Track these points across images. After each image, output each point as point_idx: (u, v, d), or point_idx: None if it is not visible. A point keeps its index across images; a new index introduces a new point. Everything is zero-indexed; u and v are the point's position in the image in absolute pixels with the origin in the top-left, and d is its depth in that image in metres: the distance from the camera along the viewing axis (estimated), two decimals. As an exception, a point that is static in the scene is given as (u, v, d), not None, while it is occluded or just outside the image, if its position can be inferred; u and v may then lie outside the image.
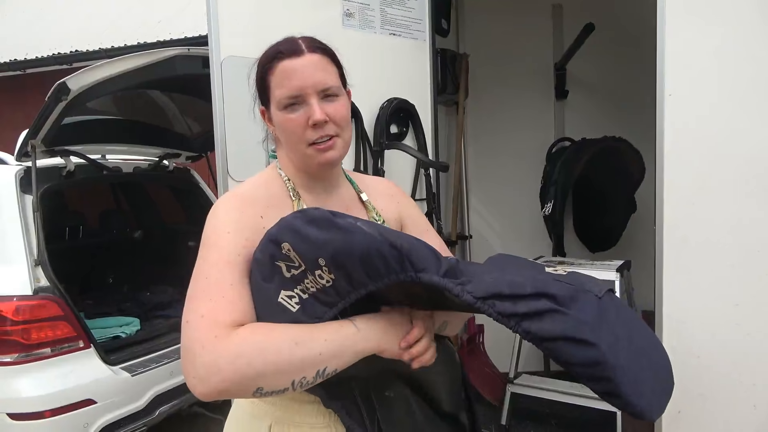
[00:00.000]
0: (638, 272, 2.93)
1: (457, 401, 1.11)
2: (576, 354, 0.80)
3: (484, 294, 0.84)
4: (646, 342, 0.91)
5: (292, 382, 0.84)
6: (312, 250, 0.85)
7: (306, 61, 0.99)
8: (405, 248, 0.85)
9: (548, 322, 0.81)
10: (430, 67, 2.46)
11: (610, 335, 0.82)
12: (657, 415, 0.84)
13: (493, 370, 3.40)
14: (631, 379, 0.81)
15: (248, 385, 0.81)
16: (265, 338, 0.83)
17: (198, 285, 0.89)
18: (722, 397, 1.72)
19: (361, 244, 0.84)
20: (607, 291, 0.89)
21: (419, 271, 0.85)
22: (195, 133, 3.63)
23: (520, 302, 0.83)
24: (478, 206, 3.71)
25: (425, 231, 1.18)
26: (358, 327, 0.88)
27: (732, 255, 1.67)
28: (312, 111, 0.99)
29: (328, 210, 0.89)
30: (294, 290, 0.87)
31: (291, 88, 0.99)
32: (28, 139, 2.71)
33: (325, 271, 0.85)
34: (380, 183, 1.24)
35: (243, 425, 1.07)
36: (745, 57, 1.63)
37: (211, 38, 1.83)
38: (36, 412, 2.36)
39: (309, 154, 1.02)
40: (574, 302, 0.83)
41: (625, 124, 3.28)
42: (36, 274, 2.50)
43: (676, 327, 1.75)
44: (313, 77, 0.99)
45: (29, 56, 6.34)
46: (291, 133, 1.01)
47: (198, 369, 0.80)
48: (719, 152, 1.67)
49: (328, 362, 0.85)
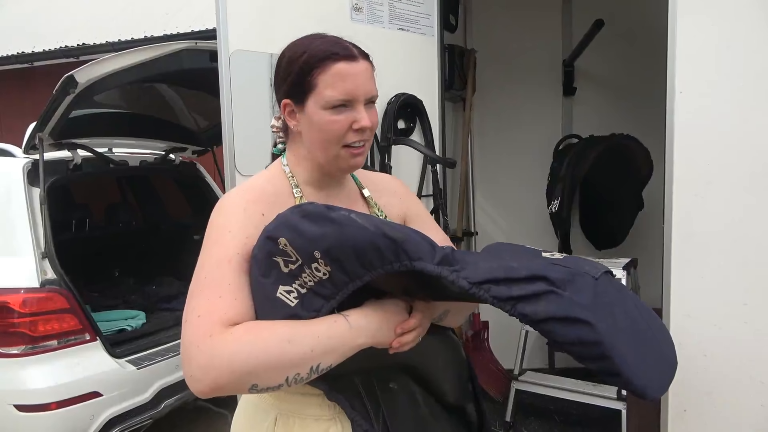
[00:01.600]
0: (645, 270, 2.92)
1: (463, 393, 1.12)
2: (571, 334, 0.81)
3: (480, 279, 0.85)
4: (648, 322, 0.92)
5: (286, 379, 0.86)
6: (307, 244, 0.86)
7: (361, 67, 1.01)
8: (399, 238, 0.86)
9: (543, 303, 0.82)
10: (438, 62, 2.45)
11: (607, 315, 0.83)
12: (659, 393, 0.85)
13: (497, 367, 3.40)
14: (630, 358, 0.82)
15: (243, 382, 0.83)
16: (257, 337, 0.84)
17: (197, 284, 0.91)
18: (729, 395, 1.71)
19: (355, 236, 0.85)
20: (605, 273, 0.90)
21: (414, 259, 0.86)
22: (201, 127, 3.64)
23: (515, 286, 0.84)
24: (484, 203, 3.70)
25: (429, 227, 1.18)
26: (351, 323, 0.89)
27: (741, 252, 1.66)
28: (361, 116, 1.00)
29: (324, 204, 0.90)
30: (292, 285, 0.88)
31: (345, 92, 0.99)
32: (35, 131, 2.72)
33: (321, 264, 0.86)
34: (384, 179, 1.24)
35: (250, 418, 1.09)
36: (755, 54, 1.62)
37: (220, 32, 1.83)
38: (43, 404, 2.38)
39: (342, 155, 1.02)
40: (570, 284, 0.83)
41: (633, 121, 3.26)
42: (43, 266, 2.51)
43: (683, 324, 1.74)
44: (366, 85, 1.01)
45: (36, 49, 6.35)
46: (331, 133, 1.01)
47: (194, 368, 0.83)
48: (729, 149, 1.66)
49: (321, 359, 0.87)
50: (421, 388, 1.05)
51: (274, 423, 1.03)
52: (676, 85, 1.70)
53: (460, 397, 1.11)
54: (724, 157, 1.67)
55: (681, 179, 1.72)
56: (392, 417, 0.99)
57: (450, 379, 1.09)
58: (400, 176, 2.29)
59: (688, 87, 1.69)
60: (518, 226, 3.64)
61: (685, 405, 1.76)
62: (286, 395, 1.02)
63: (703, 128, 1.69)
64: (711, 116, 1.68)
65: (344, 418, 1.00)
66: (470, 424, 1.13)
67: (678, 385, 1.79)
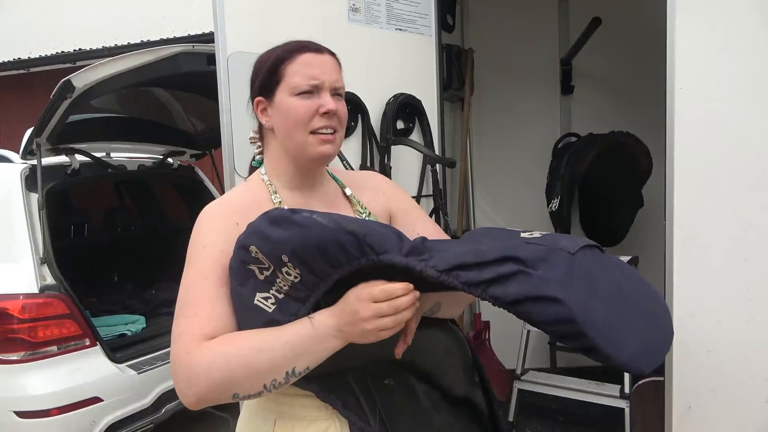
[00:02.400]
0: (646, 268, 2.91)
1: (469, 383, 1.10)
2: (543, 312, 0.79)
3: (447, 266, 0.84)
4: (640, 295, 0.90)
5: (264, 386, 0.89)
6: (274, 249, 0.88)
7: (327, 59, 1.08)
8: (361, 233, 0.86)
9: (513, 284, 0.81)
10: (436, 62, 2.44)
11: (581, 291, 0.80)
12: (647, 367, 0.82)
13: (499, 367, 3.39)
14: (608, 333, 0.79)
15: (223, 392, 0.89)
16: (229, 349, 0.89)
17: (178, 303, 0.97)
18: (734, 392, 1.70)
19: (316, 236, 0.86)
20: (586, 247, 0.88)
21: (380, 253, 0.86)
22: (199, 131, 3.63)
23: (485, 270, 0.82)
24: (484, 202, 3.69)
25: (417, 219, 1.18)
26: (315, 325, 0.89)
27: (744, 249, 1.65)
28: (326, 101, 1.05)
29: (289, 208, 0.93)
30: (270, 291, 0.90)
31: (312, 77, 1.05)
32: (33, 137, 2.72)
33: (290, 267, 0.87)
34: (366, 176, 1.25)
35: (252, 423, 1.10)
36: (755, 50, 1.62)
37: (217, 34, 1.82)
38: (43, 410, 2.37)
39: (309, 141, 1.05)
40: (543, 262, 0.82)
41: (632, 118, 3.26)
42: (42, 272, 2.51)
43: (686, 322, 1.73)
44: (332, 74, 1.07)
45: (33, 55, 6.35)
46: (298, 118, 1.05)
47: (179, 384, 0.91)
48: (730, 146, 1.66)
49: (294, 363, 0.88)
50: (424, 384, 1.04)
51: (273, 426, 1.04)
52: (676, 82, 1.70)
53: (466, 387, 1.10)
54: (726, 153, 1.67)
55: (682, 176, 1.71)
56: (389, 413, 0.98)
57: (452, 369, 1.07)
58: (400, 177, 2.29)
59: (687, 83, 1.69)
60: (518, 225, 3.54)
61: (690, 402, 1.76)
62: (284, 398, 1.02)
63: (704, 124, 1.68)
64: (712, 112, 1.67)
65: (342, 418, 0.99)
66: (480, 413, 1.12)
67: (682, 382, 1.79)
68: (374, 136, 2.19)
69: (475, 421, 1.11)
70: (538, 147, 3.50)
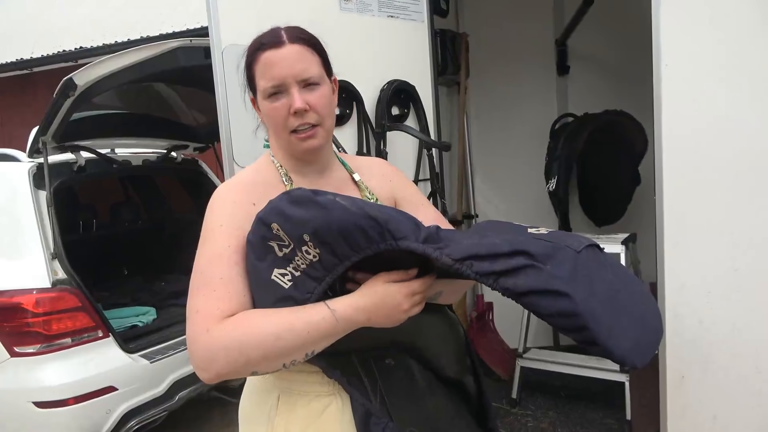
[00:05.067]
0: (644, 244, 2.94)
1: (461, 367, 1.15)
2: (550, 305, 0.84)
3: (462, 255, 0.88)
4: (632, 295, 0.94)
5: (283, 364, 0.93)
6: (296, 228, 0.91)
7: (286, 52, 1.03)
8: (382, 219, 0.89)
9: (522, 277, 0.85)
10: (429, 47, 2.47)
11: (585, 287, 0.85)
12: (640, 362, 0.87)
13: (503, 347, 3.45)
14: (607, 328, 0.84)
15: (242, 370, 0.92)
16: (247, 332, 0.90)
17: (194, 281, 0.97)
18: (725, 361, 1.75)
19: (340, 218, 0.89)
20: (589, 246, 0.92)
21: (398, 239, 0.89)
22: (201, 124, 3.67)
23: (497, 261, 0.86)
24: (483, 185, 3.73)
25: (420, 206, 1.21)
26: (338, 317, 0.92)
27: (730, 221, 1.69)
28: (293, 100, 1.03)
29: (311, 189, 0.94)
30: (287, 268, 0.93)
31: (272, 78, 1.03)
32: (38, 135, 2.77)
33: (310, 247, 0.91)
34: (373, 163, 1.27)
35: (255, 397, 1.13)
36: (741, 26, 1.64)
37: (212, 27, 1.86)
38: (60, 399, 2.43)
39: (292, 141, 1.06)
40: (550, 258, 0.86)
41: (627, 97, 3.26)
42: (53, 267, 2.56)
43: (678, 295, 1.78)
44: (293, 68, 1.02)
45: (35, 55, 6.39)
46: (275, 121, 1.06)
47: (197, 361, 0.92)
48: (717, 122, 1.69)
49: (313, 346, 0.92)
50: (419, 364, 1.08)
51: (276, 401, 1.07)
52: (662, 58, 1.73)
53: (459, 370, 1.14)
54: (713, 129, 1.69)
55: (670, 153, 1.74)
56: (389, 391, 1.02)
57: (447, 354, 1.12)
58: (396, 162, 2.33)
59: (673, 60, 1.72)
60: (518, 206, 3.67)
61: (683, 372, 1.81)
62: (288, 374, 1.05)
63: (691, 101, 1.71)
64: (698, 89, 1.70)
65: (344, 394, 1.03)
66: (469, 395, 1.17)
67: (675, 353, 1.83)
68: (369, 123, 2.24)
69: (466, 403, 1.16)
70: (535, 128, 3.52)
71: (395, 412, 1.02)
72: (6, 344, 2.44)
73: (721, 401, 1.75)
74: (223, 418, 3.21)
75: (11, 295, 2.47)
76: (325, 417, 1.04)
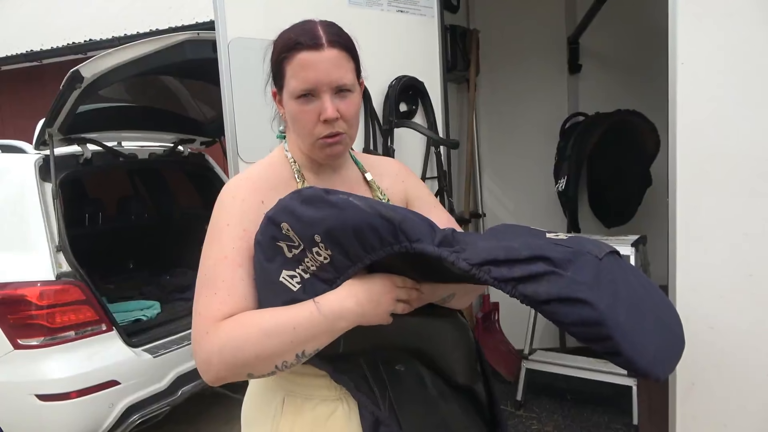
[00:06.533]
0: (655, 247, 2.90)
1: (472, 373, 1.12)
2: (572, 314, 0.80)
3: (480, 260, 0.84)
4: (655, 303, 0.90)
5: (276, 366, 0.90)
6: (307, 229, 0.87)
7: (324, 56, 0.97)
8: (397, 220, 0.86)
9: (544, 284, 0.81)
10: (439, 43, 2.44)
11: (608, 296, 0.81)
12: (663, 374, 0.83)
13: (508, 348, 3.42)
14: (632, 338, 0.80)
15: (238, 372, 0.91)
16: (240, 332, 0.89)
17: (198, 282, 0.96)
18: (737, 367, 1.71)
19: (353, 218, 0.86)
20: (610, 253, 0.88)
21: (413, 241, 0.86)
22: (209, 118, 3.66)
23: (515, 267, 0.83)
24: (491, 184, 3.69)
25: (433, 207, 1.18)
26: (323, 311, 0.89)
27: (745, 225, 1.65)
28: (324, 107, 0.98)
29: (322, 188, 0.91)
30: (296, 270, 0.90)
31: (306, 81, 0.98)
32: (45, 127, 2.76)
33: (322, 248, 0.87)
34: (385, 162, 1.24)
35: (258, 399, 1.11)
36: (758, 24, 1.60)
37: (218, 20, 1.84)
38: (63, 393, 2.43)
39: (317, 145, 1.02)
40: (571, 264, 0.82)
41: (639, 97, 3.22)
42: (58, 259, 2.56)
43: (689, 298, 1.74)
44: (330, 75, 0.98)
45: (45, 47, 6.41)
46: (301, 124, 1.02)
47: (199, 363, 0.92)
48: (733, 121, 1.64)
49: (303, 346, 0.89)
50: (429, 371, 1.05)
51: (281, 404, 1.05)
52: (678, 56, 1.68)
53: (469, 377, 1.11)
54: (729, 128, 1.65)
55: (685, 153, 1.70)
56: (399, 399, 0.99)
57: (458, 360, 1.09)
58: (404, 159, 2.30)
59: (690, 58, 1.67)
60: (526, 206, 3.64)
61: (693, 379, 1.77)
62: (294, 377, 1.03)
63: (706, 99, 1.67)
64: (714, 87, 1.66)
65: (351, 400, 1.01)
66: (480, 404, 1.13)
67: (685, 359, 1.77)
68: (377, 119, 2.21)
69: (478, 411, 1.13)
70: (545, 127, 3.48)
71: (404, 419, 0.98)
72: (10, 336, 2.44)
73: (732, 410, 1.71)
74: (226, 414, 3.20)
75: (15, 287, 2.47)
76: (331, 422, 1.01)
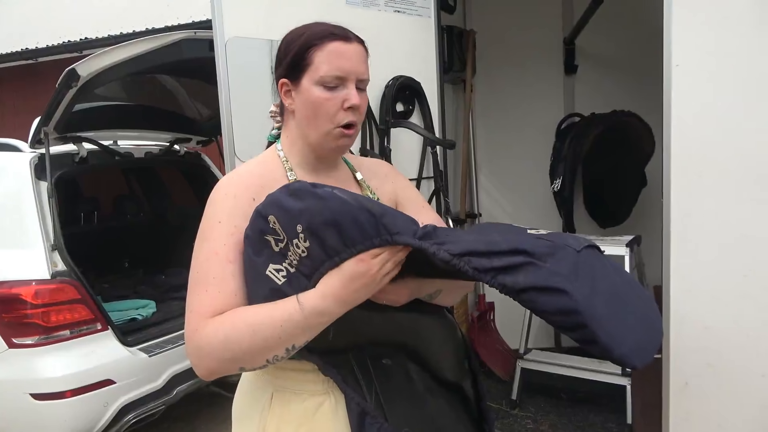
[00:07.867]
0: (649, 247, 2.92)
1: (460, 371, 1.13)
2: (549, 303, 0.82)
3: (460, 251, 0.86)
4: (633, 295, 0.92)
5: (267, 360, 0.93)
6: (291, 219, 0.89)
7: (355, 49, 1.04)
8: (378, 212, 0.88)
9: (522, 274, 0.83)
10: (435, 44, 2.44)
11: (585, 286, 0.83)
12: (639, 363, 0.85)
13: (503, 347, 3.43)
14: (608, 327, 0.82)
15: (231, 366, 0.94)
16: (228, 328, 0.91)
17: (190, 278, 0.98)
18: (731, 368, 1.72)
19: (336, 209, 0.88)
20: (589, 246, 0.90)
21: (394, 233, 0.88)
22: (205, 117, 3.65)
23: (495, 258, 0.85)
24: (487, 184, 3.70)
25: (421, 208, 1.20)
26: (304, 308, 0.89)
27: (739, 225, 1.66)
28: (350, 95, 1.03)
29: (310, 182, 0.93)
30: (282, 264, 0.92)
31: (339, 69, 1.02)
32: (40, 126, 2.75)
33: (301, 239, 0.89)
34: (374, 163, 1.27)
35: (248, 396, 1.13)
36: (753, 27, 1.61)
37: (215, 19, 1.84)
38: (57, 392, 2.43)
39: (331, 134, 1.05)
40: (550, 256, 0.84)
41: (635, 98, 3.23)
42: (53, 258, 2.55)
43: (684, 298, 1.75)
44: (358, 66, 1.04)
45: (40, 45, 6.39)
46: (324, 110, 1.03)
47: (191, 358, 0.95)
48: (726, 124, 1.66)
49: (292, 341, 0.91)
50: (417, 366, 1.06)
51: (270, 399, 1.06)
52: (673, 59, 1.69)
53: (457, 374, 1.13)
54: (722, 131, 1.66)
55: (679, 155, 1.71)
56: (385, 392, 1.01)
57: (446, 356, 1.11)
58: (400, 159, 2.31)
59: (684, 60, 1.68)
60: (522, 206, 3.65)
61: (687, 378, 1.78)
62: (282, 372, 1.05)
63: (700, 103, 1.68)
64: (708, 90, 1.67)
65: (338, 393, 1.02)
66: (467, 400, 1.15)
67: (679, 358, 1.80)
68: (374, 119, 2.21)
69: (465, 408, 1.15)
70: (541, 127, 3.50)
71: (391, 412, 1.00)
72: (4, 335, 2.43)
73: (726, 409, 1.73)
74: (221, 413, 3.20)
75: (10, 285, 2.46)
76: (318, 416, 1.03)
